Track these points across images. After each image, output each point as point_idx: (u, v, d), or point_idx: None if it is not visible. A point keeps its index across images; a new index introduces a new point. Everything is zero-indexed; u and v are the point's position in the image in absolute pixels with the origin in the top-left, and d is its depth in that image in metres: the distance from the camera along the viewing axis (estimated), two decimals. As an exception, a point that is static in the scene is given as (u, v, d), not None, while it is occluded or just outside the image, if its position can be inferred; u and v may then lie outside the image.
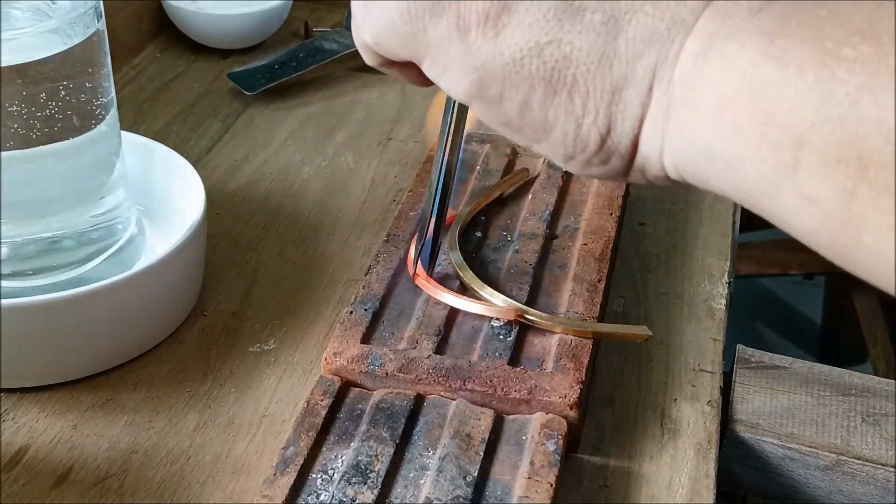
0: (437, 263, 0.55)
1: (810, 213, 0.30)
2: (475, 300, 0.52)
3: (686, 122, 0.33)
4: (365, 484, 0.43)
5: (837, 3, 0.30)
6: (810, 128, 0.29)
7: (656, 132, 0.34)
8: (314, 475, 0.44)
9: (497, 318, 0.52)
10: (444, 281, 0.54)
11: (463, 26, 0.35)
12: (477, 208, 0.59)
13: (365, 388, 0.49)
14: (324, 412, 0.47)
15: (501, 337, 0.51)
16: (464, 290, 0.54)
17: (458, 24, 0.35)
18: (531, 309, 0.51)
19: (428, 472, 0.44)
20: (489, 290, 0.52)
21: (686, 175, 0.35)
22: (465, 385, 0.48)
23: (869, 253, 0.30)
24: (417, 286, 0.53)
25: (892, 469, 0.51)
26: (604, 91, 0.34)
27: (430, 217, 0.53)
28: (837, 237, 0.30)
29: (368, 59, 0.41)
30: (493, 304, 0.51)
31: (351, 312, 0.52)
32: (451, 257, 0.55)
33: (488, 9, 0.35)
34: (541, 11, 0.34)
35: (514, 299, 0.53)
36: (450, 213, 0.58)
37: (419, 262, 0.53)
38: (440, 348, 0.50)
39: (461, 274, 0.54)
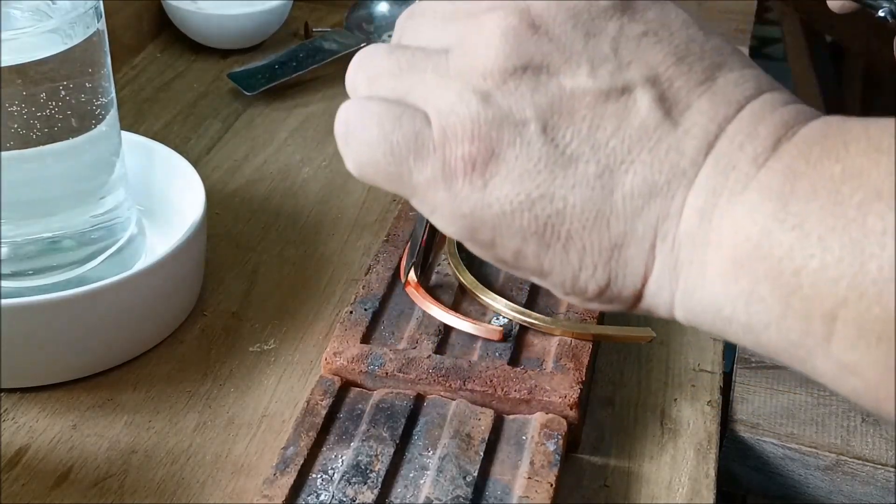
0: (434, 270, 0.55)
1: (850, 380, 0.29)
2: (461, 316, 0.51)
3: (696, 284, 0.31)
4: (365, 484, 0.43)
5: (850, 156, 0.28)
6: (843, 303, 0.28)
7: (664, 289, 0.32)
8: (314, 475, 0.44)
9: (497, 317, 0.52)
10: (441, 285, 0.54)
11: (449, 173, 0.32)
12: None
13: (365, 388, 0.49)
14: (324, 412, 0.47)
15: (501, 337, 0.51)
16: (463, 292, 0.53)
17: (443, 170, 0.32)
18: (533, 312, 0.51)
19: (428, 472, 0.44)
20: (489, 293, 0.52)
21: (701, 327, 0.33)
22: (465, 385, 0.48)
23: None
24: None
25: (892, 469, 0.51)
26: (601, 248, 0.32)
27: (423, 229, 0.53)
28: (882, 405, 0.29)
29: None
30: (479, 323, 0.51)
31: (351, 312, 0.52)
32: (450, 260, 0.55)
33: (475, 156, 0.32)
34: (531, 161, 0.32)
35: (514, 300, 0.53)
36: None
37: (411, 271, 0.53)
38: (440, 348, 0.50)
39: (460, 277, 0.54)
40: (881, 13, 0.50)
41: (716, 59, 0.32)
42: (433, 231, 0.54)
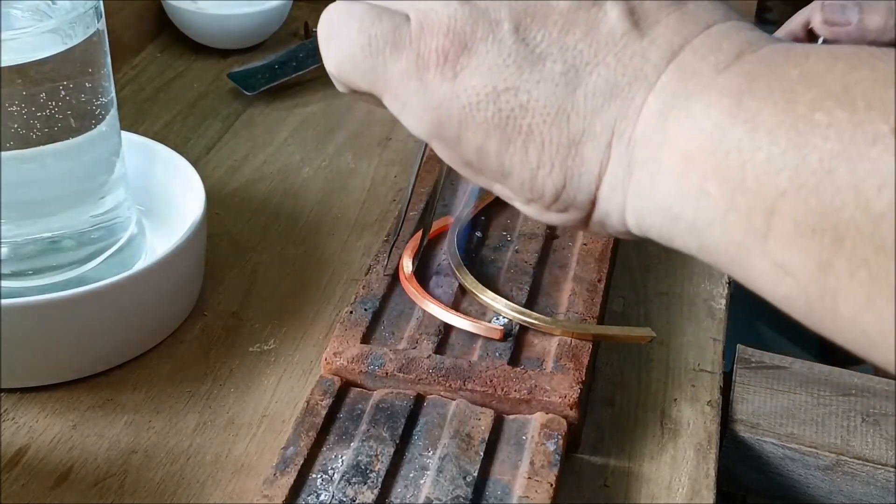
0: (433, 270, 0.55)
1: (784, 281, 0.29)
2: (459, 314, 0.51)
3: (648, 183, 0.32)
4: (365, 484, 0.43)
5: (809, 63, 0.29)
6: (783, 196, 0.28)
7: (616, 190, 0.33)
8: (314, 475, 0.44)
9: (497, 317, 0.52)
10: (440, 284, 0.54)
11: (422, 64, 0.34)
12: (475, 210, 0.59)
13: (365, 388, 0.49)
14: (324, 412, 0.47)
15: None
16: (462, 292, 0.53)
17: (417, 61, 0.34)
18: (533, 312, 0.51)
19: (428, 472, 0.44)
20: (489, 293, 0.52)
21: (649, 233, 0.34)
22: (465, 385, 0.48)
23: (846, 324, 0.29)
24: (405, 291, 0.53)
25: (892, 469, 0.51)
26: (560, 144, 0.33)
27: (430, 219, 0.53)
28: (814, 307, 0.29)
29: (337, 87, 0.40)
30: (479, 322, 0.51)
31: (351, 312, 0.52)
32: (449, 259, 0.55)
33: (448, 48, 0.34)
34: (500, 56, 0.33)
35: (514, 300, 0.53)
36: (445, 219, 0.58)
37: (408, 262, 0.54)
38: (440, 348, 0.50)
39: (460, 276, 0.53)
40: None
41: None
42: (426, 231, 0.54)
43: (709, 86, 0.31)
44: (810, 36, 0.51)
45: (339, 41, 0.37)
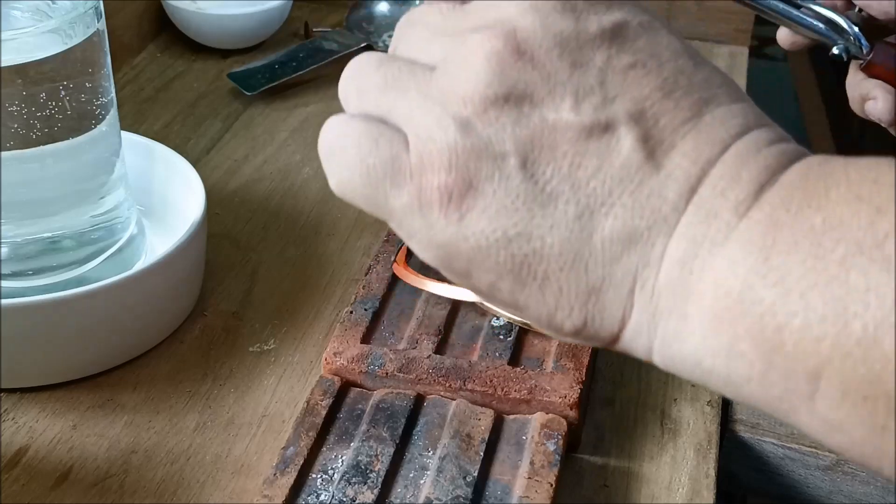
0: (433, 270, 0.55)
1: (835, 436, 0.28)
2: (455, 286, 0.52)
3: (676, 335, 0.30)
4: (365, 484, 0.43)
5: (831, 204, 0.28)
6: (828, 363, 0.27)
7: (642, 335, 0.31)
8: (314, 475, 0.44)
9: (497, 318, 0.52)
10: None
11: (425, 202, 0.31)
12: None
13: (365, 388, 0.49)
14: (324, 412, 0.47)
15: (501, 337, 0.51)
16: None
17: (419, 198, 0.31)
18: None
19: (428, 472, 0.44)
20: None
21: (680, 375, 0.32)
22: (465, 385, 0.48)
23: None
24: (396, 274, 0.53)
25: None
26: (578, 292, 0.31)
27: None
28: (872, 461, 0.28)
29: None
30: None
31: (351, 312, 0.52)
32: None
33: (451, 188, 0.31)
34: (508, 197, 0.31)
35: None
36: None
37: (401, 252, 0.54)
38: (440, 348, 0.50)
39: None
40: (835, 50, 0.49)
41: (704, 93, 0.31)
42: None
43: (730, 237, 0.29)
44: (847, 4, 0.51)
45: (338, 165, 0.33)
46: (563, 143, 0.31)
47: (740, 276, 0.28)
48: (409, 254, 0.55)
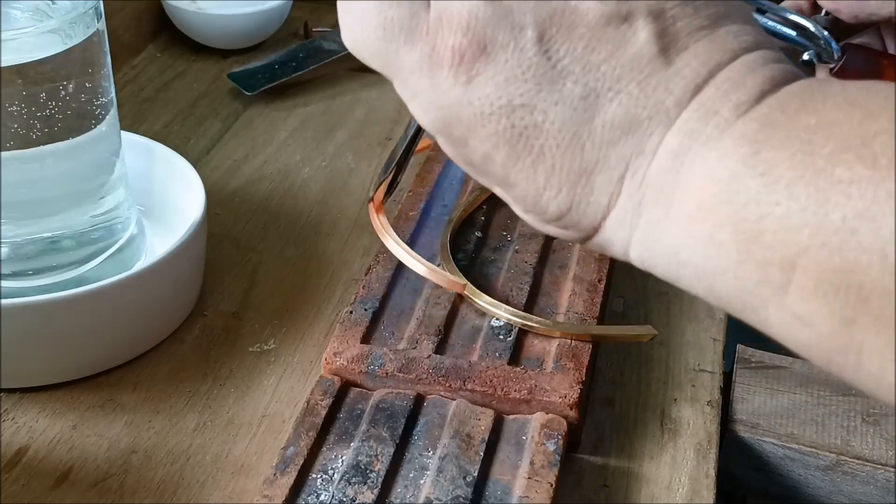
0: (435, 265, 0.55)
1: (803, 331, 0.29)
2: (421, 261, 0.51)
3: (657, 224, 0.31)
4: (365, 484, 0.43)
5: (826, 109, 0.29)
6: (804, 252, 0.28)
7: (623, 225, 0.32)
8: (314, 475, 0.44)
9: (496, 319, 0.52)
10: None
11: (436, 60, 0.32)
12: (465, 213, 0.59)
13: (365, 388, 0.49)
14: (324, 412, 0.47)
15: (501, 337, 0.51)
16: (460, 297, 0.53)
17: (431, 56, 0.32)
18: (532, 315, 0.51)
19: (428, 472, 0.44)
20: (486, 297, 0.52)
21: (653, 270, 0.33)
22: (465, 385, 0.48)
23: (871, 377, 0.28)
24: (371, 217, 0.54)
25: (892, 469, 0.51)
26: (570, 171, 0.32)
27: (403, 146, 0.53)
28: (835, 357, 0.29)
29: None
30: (436, 270, 0.51)
31: (351, 312, 0.52)
32: (444, 266, 0.55)
33: (465, 49, 0.32)
34: (520, 68, 0.31)
35: (514, 300, 0.53)
36: (423, 143, 0.58)
37: (380, 189, 0.54)
38: (440, 348, 0.50)
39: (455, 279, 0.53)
40: (806, 56, 0.49)
41: (722, 9, 0.32)
42: (407, 153, 0.54)
43: (726, 132, 0.30)
44: (814, 8, 0.51)
45: (355, 16, 0.34)
46: (581, 25, 0.31)
47: (729, 167, 0.29)
48: (388, 192, 0.54)
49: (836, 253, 0.27)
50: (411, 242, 0.57)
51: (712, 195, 0.29)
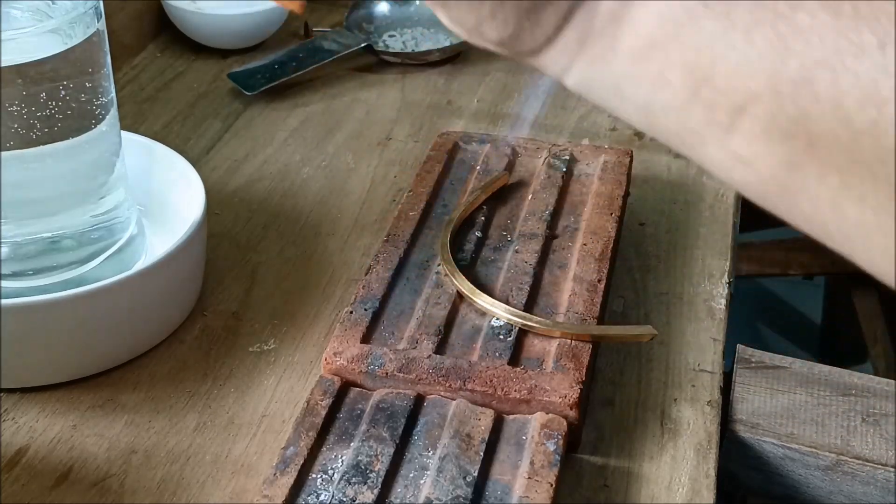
0: (433, 271, 0.55)
1: (742, 171, 0.29)
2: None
3: (602, 57, 0.31)
4: (365, 484, 0.43)
5: None
6: (756, 99, 0.28)
7: (564, 54, 0.31)
8: (314, 475, 0.44)
9: (496, 319, 0.52)
10: (441, 284, 0.54)
11: None
12: (465, 213, 0.59)
13: (365, 388, 0.49)
14: (324, 412, 0.47)
15: (501, 337, 0.51)
16: (460, 297, 0.53)
17: None
18: (532, 315, 0.51)
19: (428, 472, 0.44)
20: (485, 297, 0.52)
21: (588, 97, 0.32)
22: (465, 385, 0.48)
23: (804, 217, 0.29)
24: None
25: (892, 469, 0.51)
26: (519, 6, 0.31)
27: None
28: (770, 196, 0.29)
29: None
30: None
31: (351, 312, 0.52)
32: (444, 267, 0.55)
33: None
34: None
35: (514, 300, 0.53)
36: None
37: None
38: (440, 348, 0.50)
39: (456, 283, 0.53)
40: None
41: None
42: None
43: None
44: None
45: None
46: None
47: (686, 6, 0.29)
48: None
49: (789, 101, 0.27)
50: (411, 242, 0.57)
51: (665, 34, 0.29)
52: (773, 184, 0.29)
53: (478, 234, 0.58)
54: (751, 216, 0.61)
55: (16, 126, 0.50)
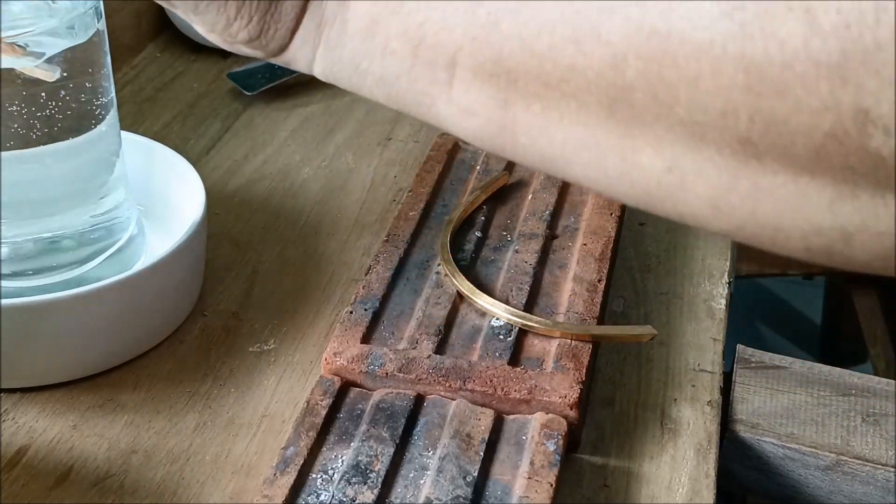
0: (433, 271, 0.55)
1: (470, 121, 0.33)
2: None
3: (336, 40, 0.35)
4: (365, 484, 0.43)
5: None
6: (460, 49, 0.32)
7: (307, 44, 0.36)
8: (314, 475, 0.44)
9: (496, 319, 0.52)
10: (441, 284, 0.54)
11: None
12: (465, 213, 0.59)
13: (365, 388, 0.49)
14: (324, 412, 0.47)
15: (501, 337, 0.51)
16: (461, 297, 0.53)
17: None
18: (532, 316, 0.51)
19: (428, 472, 0.44)
20: (485, 297, 0.52)
21: (337, 83, 0.37)
22: (465, 385, 0.48)
23: (526, 150, 0.33)
24: None
25: (892, 469, 0.51)
26: (260, 3, 0.36)
27: None
28: (497, 140, 0.33)
29: None
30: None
31: (351, 312, 0.52)
32: (444, 267, 0.55)
33: None
34: None
35: (514, 300, 0.53)
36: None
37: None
38: (440, 348, 0.50)
39: (456, 283, 0.53)
40: None
41: None
42: None
43: None
44: None
45: None
46: None
47: None
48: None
49: (485, 45, 0.31)
50: (411, 242, 0.57)
51: (379, 11, 0.34)
52: (495, 125, 0.33)
53: (478, 234, 0.58)
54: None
55: (16, 126, 0.50)
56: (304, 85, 0.82)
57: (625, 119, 0.30)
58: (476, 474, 0.44)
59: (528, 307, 0.53)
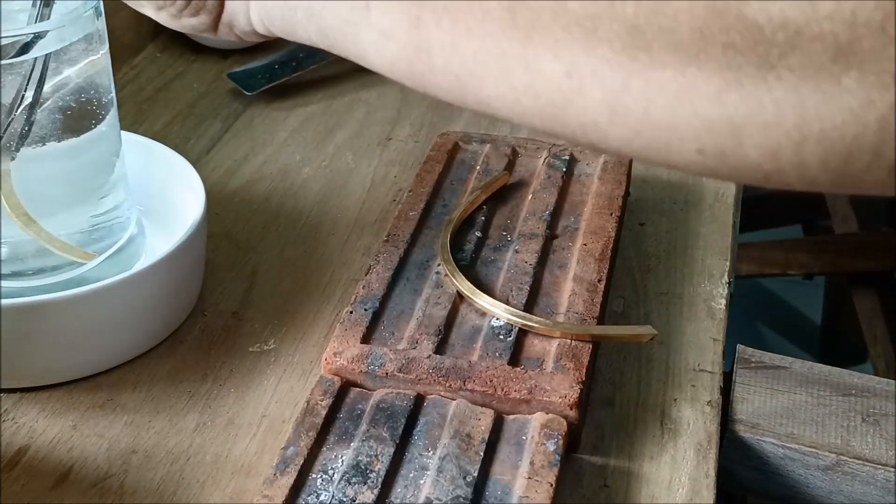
0: (433, 271, 0.55)
1: (388, 46, 0.35)
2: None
3: None
4: (365, 484, 0.43)
5: None
6: None
7: (240, 3, 0.39)
8: (314, 475, 0.44)
9: (496, 319, 0.52)
10: (441, 284, 0.54)
11: None
12: (465, 213, 0.59)
13: (365, 388, 0.49)
14: (324, 412, 0.47)
15: (501, 337, 0.51)
16: (461, 297, 0.53)
17: None
18: (532, 316, 0.51)
19: (428, 472, 0.44)
20: (485, 297, 0.52)
21: (273, 28, 0.39)
22: (465, 385, 0.48)
23: (441, 73, 0.34)
24: None
25: (892, 469, 0.51)
26: None
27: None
28: (414, 65, 0.34)
29: None
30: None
31: (351, 312, 0.52)
32: (444, 267, 0.55)
33: None
34: None
35: (514, 300, 0.53)
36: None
37: None
38: (440, 348, 0.50)
39: (456, 283, 0.53)
40: None
41: None
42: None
43: None
44: None
45: None
46: None
47: None
48: None
49: None
50: (411, 242, 0.57)
51: None
52: (412, 48, 0.34)
53: (478, 234, 0.58)
54: (751, 216, 0.61)
55: (16, 126, 0.50)
56: (304, 85, 0.82)
57: (525, 24, 0.32)
58: (476, 474, 0.44)
59: (528, 307, 0.53)
